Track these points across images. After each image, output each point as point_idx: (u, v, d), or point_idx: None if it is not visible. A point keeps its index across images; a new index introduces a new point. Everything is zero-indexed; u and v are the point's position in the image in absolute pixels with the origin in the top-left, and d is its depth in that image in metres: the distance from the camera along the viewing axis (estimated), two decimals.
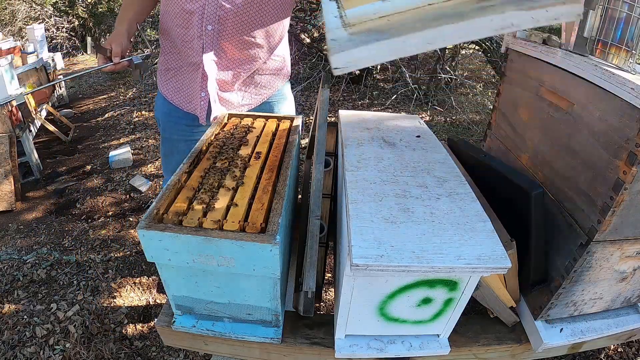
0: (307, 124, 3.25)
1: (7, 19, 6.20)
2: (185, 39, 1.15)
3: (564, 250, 0.90)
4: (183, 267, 0.79)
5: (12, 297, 1.72)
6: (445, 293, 0.79)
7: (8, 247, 2.05)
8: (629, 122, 0.75)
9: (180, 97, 1.27)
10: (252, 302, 0.86)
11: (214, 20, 1.10)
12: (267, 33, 1.18)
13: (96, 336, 1.53)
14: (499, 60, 3.44)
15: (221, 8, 1.08)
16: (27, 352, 1.47)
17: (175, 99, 1.28)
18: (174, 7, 1.12)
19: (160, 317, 0.95)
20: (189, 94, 1.25)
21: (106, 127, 3.75)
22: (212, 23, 1.10)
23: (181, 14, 1.11)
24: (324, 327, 0.98)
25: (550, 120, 1.00)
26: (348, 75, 4.15)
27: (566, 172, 0.93)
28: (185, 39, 1.15)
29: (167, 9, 1.14)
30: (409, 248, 0.71)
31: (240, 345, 0.93)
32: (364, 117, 1.28)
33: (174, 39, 1.18)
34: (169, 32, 1.19)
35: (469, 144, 1.25)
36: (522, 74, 1.13)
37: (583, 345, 1.04)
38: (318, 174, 0.96)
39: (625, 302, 1.01)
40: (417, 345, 0.88)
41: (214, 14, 1.09)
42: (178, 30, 1.15)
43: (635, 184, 0.75)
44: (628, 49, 0.83)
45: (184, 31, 1.14)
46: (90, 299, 1.72)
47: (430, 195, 0.86)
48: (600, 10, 0.86)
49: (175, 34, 1.16)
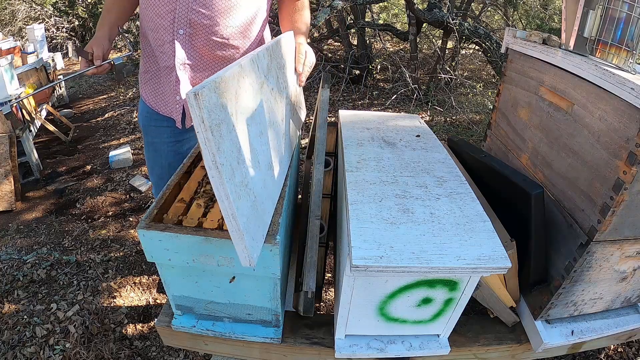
0: (307, 124, 3.25)
1: (7, 19, 6.20)
2: (158, 42, 1.14)
3: (564, 250, 0.90)
4: (183, 267, 0.79)
5: (12, 297, 1.72)
6: (446, 293, 0.79)
7: (8, 247, 2.05)
8: (629, 122, 0.75)
9: (157, 101, 1.26)
10: (252, 302, 0.86)
11: (185, 24, 1.09)
12: (243, 35, 1.16)
13: (96, 336, 1.53)
14: (499, 60, 3.44)
15: (192, 11, 1.08)
16: (27, 352, 1.47)
17: (153, 102, 1.27)
18: (148, 11, 1.12)
19: (160, 317, 0.95)
20: (165, 97, 1.25)
21: (106, 127, 3.75)
22: (183, 27, 1.10)
23: (154, 17, 1.11)
24: (324, 327, 0.98)
25: (550, 120, 1.00)
26: (348, 75, 4.15)
27: (566, 172, 0.93)
28: (158, 43, 1.15)
29: (143, 12, 1.14)
30: (409, 249, 0.71)
31: (240, 345, 0.93)
32: (364, 117, 1.28)
33: (150, 42, 1.18)
34: (145, 36, 1.18)
35: (469, 144, 1.25)
36: (522, 74, 1.13)
37: (583, 345, 1.04)
38: (318, 174, 0.96)
39: (625, 302, 1.01)
40: (417, 345, 0.88)
41: (185, 18, 1.08)
42: (152, 34, 1.14)
43: (635, 184, 0.75)
44: (628, 49, 0.83)
45: (156, 35, 1.13)
46: (90, 299, 1.72)
47: (430, 196, 0.86)
48: (600, 10, 0.86)
49: (150, 37, 1.16)
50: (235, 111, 0.62)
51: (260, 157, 0.72)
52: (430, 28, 4.70)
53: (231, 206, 0.57)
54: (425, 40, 5.02)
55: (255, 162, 0.68)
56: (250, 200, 0.64)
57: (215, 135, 0.55)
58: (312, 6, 4.61)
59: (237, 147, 0.62)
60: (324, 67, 4.16)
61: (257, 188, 0.68)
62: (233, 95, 0.62)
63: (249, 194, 0.63)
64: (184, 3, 1.06)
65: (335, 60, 4.57)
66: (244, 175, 0.62)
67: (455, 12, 3.82)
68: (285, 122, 0.94)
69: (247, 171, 0.64)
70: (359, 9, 4.22)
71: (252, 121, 0.69)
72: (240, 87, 0.65)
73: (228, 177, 0.57)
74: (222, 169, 0.56)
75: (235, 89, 0.63)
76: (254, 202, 0.66)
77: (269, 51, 0.84)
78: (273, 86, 0.84)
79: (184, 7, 1.07)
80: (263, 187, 0.71)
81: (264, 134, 0.76)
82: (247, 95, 0.68)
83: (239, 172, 0.61)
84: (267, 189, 0.74)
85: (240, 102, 0.65)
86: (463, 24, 3.45)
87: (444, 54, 4.06)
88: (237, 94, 0.63)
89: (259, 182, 0.70)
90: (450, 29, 3.49)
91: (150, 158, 1.42)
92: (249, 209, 0.63)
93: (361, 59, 4.27)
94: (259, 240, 0.67)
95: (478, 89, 3.79)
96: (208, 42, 1.13)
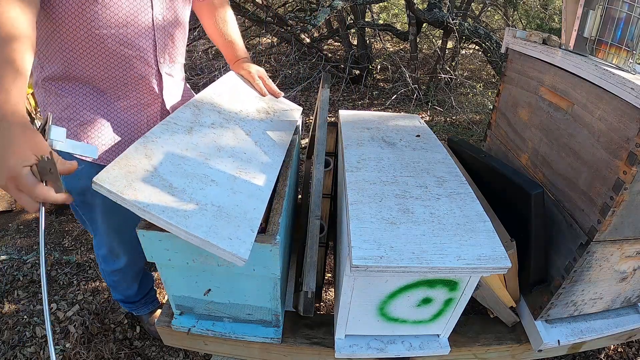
0: (307, 124, 3.25)
1: None
2: (126, 80, 0.99)
3: (564, 250, 0.90)
4: (183, 267, 0.79)
5: (12, 297, 1.72)
6: (446, 293, 0.79)
7: (8, 247, 2.05)
8: (629, 122, 0.75)
9: (115, 155, 0.97)
10: (252, 302, 0.86)
11: (163, 52, 1.01)
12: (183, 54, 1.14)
13: (96, 336, 1.53)
14: (499, 60, 3.44)
15: (168, 42, 1.01)
16: (27, 352, 1.47)
17: (109, 157, 1.01)
18: (100, 50, 0.92)
19: (160, 317, 0.95)
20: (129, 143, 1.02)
21: None
22: (164, 59, 1.02)
23: (116, 55, 0.94)
24: (324, 327, 0.98)
25: (550, 120, 1.00)
26: (348, 75, 4.15)
27: (566, 172, 0.93)
28: (126, 80, 0.99)
29: (87, 52, 0.92)
30: (409, 249, 0.71)
31: (240, 345, 0.93)
32: (364, 117, 1.28)
33: (103, 82, 0.97)
34: (91, 78, 0.96)
35: (469, 144, 1.25)
36: (522, 74, 1.13)
37: (583, 345, 1.04)
38: (318, 174, 0.96)
39: (625, 302, 1.01)
40: (417, 345, 0.88)
41: (163, 48, 1.01)
42: (114, 72, 0.96)
43: (635, 184, 0.75)
44: (628, 49, 0.83)
45: (124, 72, 0.97)
46: (90, 299, 1.72)
47: (430, 196, 0.86)
48: (600, 10, 0.86)
49: (106, 77, 0.96)
50: (153, 167, 0.74)
51: (215, 175, 0.80)
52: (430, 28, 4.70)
53: (178, 229, 0.66)
54: (425, 40, 5.02)
55: (205, 183, 0.77)
56: (210, 212, 0.71)
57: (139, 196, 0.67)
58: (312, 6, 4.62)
59: (168, 185, 0.73)
60: (324, 67, 4.16)
61: (219, 199, 0.75)
62: (144, 157, 0.76)
63: (205, 208, 0.72)
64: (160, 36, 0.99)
65: (335, 60, 4.56)
66: (189, 199, 0.72)
67: (455, 12, 3.82)
68: (254, 133, 1.02)
69: (196, 193, 0.74)
70: (359, 9, 4.22)
71: (184, 158, 0.81)
72: (153, 148, 0.79)
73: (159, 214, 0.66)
74: (148, 210, 0.66)
75: (143, 154, 0.76)
76: (218, 210, 0.73)
77: (189, 106, 0.97)
78: (213, 121, 0.96)
79: (162, 39, 1.01)
80: (231, 194, 0.78)
81: (211, 158, 0.85)
82: (167, 146, 0.81)
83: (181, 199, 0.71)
84: (242, 192, 0.80)
85: (156, 157, 0.77)
86: (463, 24, 3.45)
87: (444, 54, 4.06)
88: (148, 155, 0.77)
89: (221, 194, 0.77)
90: (450, 29, 3.49)
91: (114, 228, 1.15)
92: (210, 219, 0.70)
93: (361, 59, 4.27)
94: (242, 236, 0.69)
95: (478, 89, 3.79)
96: (178, 70, 1.12)
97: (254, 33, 4.79)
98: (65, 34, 0.90)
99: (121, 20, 0.92)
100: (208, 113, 0.99)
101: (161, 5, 0.98)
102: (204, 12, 1.24)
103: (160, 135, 0.83)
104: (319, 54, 4.32)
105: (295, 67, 4.38)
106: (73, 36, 0.90)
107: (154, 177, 0.72)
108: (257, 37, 4.71)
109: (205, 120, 0.95)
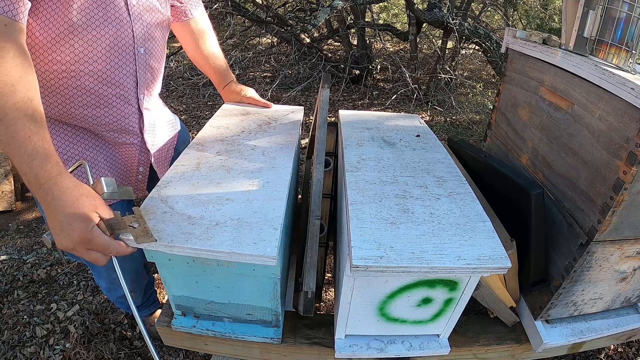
0: (307, 124, 3.25)
1: None
2: (105, 120, 0.94)
3: (564, 250, 0.90)
4: (183, 266, 0.79)
5: (12, 297, 1.72)
6: (446, 293, 0.79)
7: (8, 247, 2.05)
8: (629, 122, 0.75)
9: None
10: (252, 302, 0.86)
11: (143, 88, 0.96)
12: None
13: (96, 336, 1.53)
14: (499, 60, 3.44)
15: (148, 76, 0.96)
16: (27, 352, 1.47)
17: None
18: (76, 88, 0.85)
19: (160, 317, 0.95)
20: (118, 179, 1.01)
21: None
22: (143, 94, 0.96)
23: (94, 94, 0.88)
24: (324, 327, 0.98)
25: (550, 120, 1.00)
26: (348, 75, 4.15)
27: (566, 172, 0.93)
28: (105, 121, 0.94)
29: (62, 90, 0.85)
30: (409, 249, 0.71)
31: (240, 345, 0.93)
32: (364, 117, 1.28)
33: (79, 122, 0.92)
34: (66, 117, 0.90)
35: (469, 144, 1.25)
36: (522, 74, 1.13)
37: (583, 345, 1.04)
38: (318, 174, 0.96)
39: (625, 302, 1.01)
40: (417, 345, 0.88)
41: (144, 83, 0.96)
42: (92, 111, 0.89)
43: (635, 184, 0.75)
44: (628, 49, 0.83)
45: (102, 112, 0.92)
46: (90, 299, 1.72)
47: (430, 196, 0.86)
48: (600, 10, 0.86)
49: (82, 116, 0.90)
50: (170, 207, 0.79)
51: (229, 195, 0.85)
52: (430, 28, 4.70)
53: (205, 251, 0.70)
54: (425, 40, 5.03)
55: (221, 204, 0.81)
56: (231, 226, 0.75)
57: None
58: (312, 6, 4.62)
59: (186, 217, 0.77)
60: (324, 67, 4.16)
61: (237, 213, 0.79)
62: (160, 202, 0.79)
63: (225, 224, 0.75)
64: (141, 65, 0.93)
65: (335, 60, 4.56)
66: (209, 222, 0.76)
67: (455, 12, 3.82)
68: (260, 145, 1.07)
69: (214, 215, 0.78)
70: (359, 9, 4.22)
71: (198, 190, 0.86)
72: (166, 193, 0.84)
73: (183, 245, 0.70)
74: (172, 244, 0.71)
75: (158, 200, 0.81)
76: (238, 222, 0.76)
77: (192, 146, 1.03)
78: (217, 150, 1.02)
79: (144, 71, 0.95)
80: (248, 204, 0.82)
81: (223, 181, 0.90)
82: (180, 187, 0.86)
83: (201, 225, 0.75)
84: (257, 199, 0.84)
85: (170, 199, 0.82)
86: (463, 24, 3.45)
87: (444, 54, 4.06)
88: (163, 199, 0.82)
89: (239, 207, 0.81)
90: (450, 29, 3.49)
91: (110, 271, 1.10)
92: (231, 232, 0.73)
93: (361, 59, 4.27)
94: (266, 237, 0.73)
95: (478, 89, 3.79)
96: (156, 102, 1.09)
97: (254, 33, 4.79)
98: (38, 67, 0.80)
99: (100, 54, 0.83)
100: (211, 145, 1.04)
101: (143, 33, 0.90)
102: (186, 38, 1.20)
103: (171, 180, 0.88)
104: (319, 54, 4.32)
105: (295, 67, 4.38)
106: (46, 70, 0.81)
107: (172, 216, 0.76)
108: (257, 37, 4.72)
109: (210, 152, 1.01)
